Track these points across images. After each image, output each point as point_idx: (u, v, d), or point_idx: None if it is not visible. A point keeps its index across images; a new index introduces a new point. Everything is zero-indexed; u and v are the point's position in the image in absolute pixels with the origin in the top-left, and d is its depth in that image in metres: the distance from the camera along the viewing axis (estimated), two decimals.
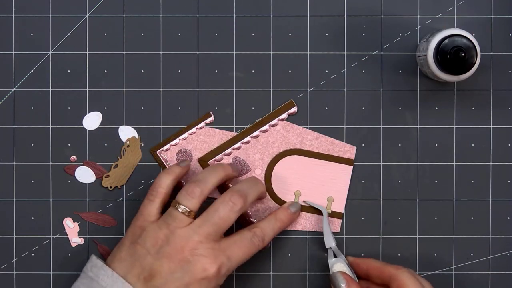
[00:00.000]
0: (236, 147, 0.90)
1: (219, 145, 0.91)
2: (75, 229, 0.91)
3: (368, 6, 0.91)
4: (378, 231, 0.91)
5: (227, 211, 0.83)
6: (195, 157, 0.90)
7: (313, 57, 0.91)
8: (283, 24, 0.91)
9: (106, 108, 0.91)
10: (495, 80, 0.91)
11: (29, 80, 0.91)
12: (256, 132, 0.91)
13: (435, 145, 0.91)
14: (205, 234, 0.82)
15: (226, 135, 0.91)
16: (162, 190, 0.85)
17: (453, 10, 0.91)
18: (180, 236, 0.82)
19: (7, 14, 0.91)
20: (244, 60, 0.91)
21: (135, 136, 0.91)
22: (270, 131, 0.91)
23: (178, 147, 0.90)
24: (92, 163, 0.91)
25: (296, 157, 0.91)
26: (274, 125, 0.91)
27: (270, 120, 0.91)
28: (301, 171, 0.91)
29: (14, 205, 0.91)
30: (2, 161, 0.91)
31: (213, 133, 0.91)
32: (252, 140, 0.91)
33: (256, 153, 0.91)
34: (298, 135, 0.91)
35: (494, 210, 0.91)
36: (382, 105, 0.91)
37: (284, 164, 0.91)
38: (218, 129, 0.91)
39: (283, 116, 0.91)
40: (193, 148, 0.90)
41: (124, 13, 0.91)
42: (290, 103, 0.90)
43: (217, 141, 0.91)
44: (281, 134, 0.91)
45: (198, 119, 0.90)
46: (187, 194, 0.84)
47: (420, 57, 0.88)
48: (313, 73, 0.91)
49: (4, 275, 0.91)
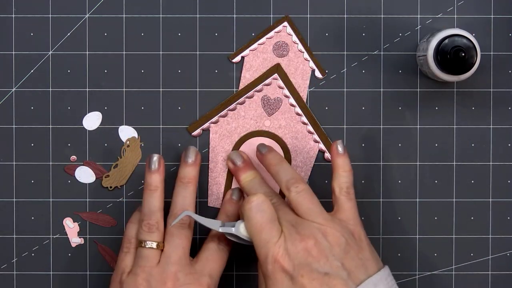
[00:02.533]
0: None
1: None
2: (75, 229, 0.91)
3: (368, 6, 0.91)
4: (378, 231, 0.91)
5: (181, 231, 0.84)
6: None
7: (313, 57, 0.91)
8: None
9: (106, 108, 0.91)
10: (495, 80, 0.91)
11: (29, 80, 0.91)
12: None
13: (435, 145, 0.91)
14: (177, 261, 0.83)
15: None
16: (134, 240, 0.86)
17: (453, 10, 0.91)
18: (157, 274, 0.83)
19: (7, 14, 0.91)
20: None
21: (135, 136, 0.91)
22: (246, 103, 0.90)
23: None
24: (92, 163, 0.91)
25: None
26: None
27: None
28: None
29: (14, 205, 0.91)
30: (2, 161, 0.91)
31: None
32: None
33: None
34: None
35: (494, 210, 0.91)
36: (382, 105, 0.91)
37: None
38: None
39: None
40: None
41: (124, 13, 0.91)
42: (276, 66, 0.90)
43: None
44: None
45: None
46: (147, 231, 0.84)
47: (420, 57, 0.88)
48: (313, 73, 0.91)
49: (4, 275, 0.91)
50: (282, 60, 0.91)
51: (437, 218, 0.91)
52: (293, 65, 0.91)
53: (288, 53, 0.91)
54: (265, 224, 0.81)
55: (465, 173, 0.91)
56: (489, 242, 0.91)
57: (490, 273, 0.91)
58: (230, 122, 0.91)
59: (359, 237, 0.82)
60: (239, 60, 0.90)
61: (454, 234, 0.91)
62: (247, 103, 0.91)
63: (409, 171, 0.91)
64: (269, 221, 0.81)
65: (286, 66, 0.91)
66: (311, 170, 0.91)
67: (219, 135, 0.90)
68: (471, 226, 0.91)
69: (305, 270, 0.79)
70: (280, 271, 0.80)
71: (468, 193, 0.91)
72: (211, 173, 0.91)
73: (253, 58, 0.91)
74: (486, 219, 0.91)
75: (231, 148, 0.90)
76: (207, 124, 0.90)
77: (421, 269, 0.91)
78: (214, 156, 0.91)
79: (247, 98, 0.91)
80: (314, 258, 0.80)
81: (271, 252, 0.80)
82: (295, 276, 0.79)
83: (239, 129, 0.91)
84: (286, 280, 0.79)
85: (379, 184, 0.91)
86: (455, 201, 0.91)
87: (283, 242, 0.80)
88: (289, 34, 0.90)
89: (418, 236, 0.91)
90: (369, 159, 0.91)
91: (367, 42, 0.91)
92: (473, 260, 0.91)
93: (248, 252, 0.89)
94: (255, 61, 0.91)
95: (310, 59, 0.90)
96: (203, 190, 0.91)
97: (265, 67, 0.91)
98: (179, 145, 0.91)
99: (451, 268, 0.91)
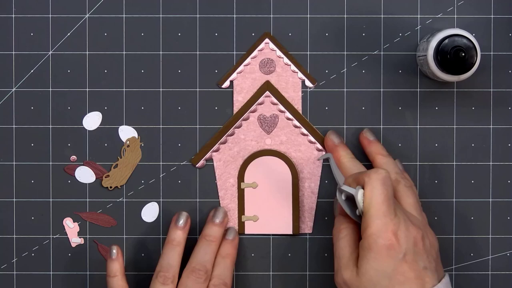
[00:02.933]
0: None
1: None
2: (75, 229, 0.91)
3: (368, 6, 0.91)
4: None
5: (196, 285, 0.86)
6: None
7: (313, 57, 0.91)
8: (283, 24, 0.91)
9: (106, 108, 0.91)
10: (495, 80, 0.91)
11: (29, 80, 0.91)
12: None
13: (435, 145, 0.91)
14: None
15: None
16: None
17: (453, 10, 0.91)
18: None
19: (7, 14, 0.91)
20: None
21: (135, 136, 0.91)
22: (244, 125, 0.91)
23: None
24: (92, 163, 0.91)
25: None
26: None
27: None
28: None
29: (14, 205, 0.91)
30: (2, 161, 0.91)
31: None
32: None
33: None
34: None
35: (494, 210, 0.91)
36: (382, 105, 0.91)
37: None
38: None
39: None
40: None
41: (124, 13, 0.91)
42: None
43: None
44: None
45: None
46: (162, 282, 0.85)
47: (420, 57, 0.88)
48: (313, 73, 0.91)
49: (4, 275, 0.91)
50: (271, 77, 0.91)
51: (437, 218, 0.91)
52: (283, 79, 0.91)
53: (275, 69, 0.91)
54: (388, 198, 0.81)
55: (465, 173, 0.91)
56: (489, 242, 0.91)
57: (490, 273, 0.91)
58: (232, 147, 0.91)
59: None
60: (228, 85, 0.91)
61: (454, 234, 0.91)
62: (245, 125, 0.91)
63: (409, 171, 0.91)
64: (391, 197, 0.81)
65: (276, 82, 0.91)
66: (319, 180, 0.91)
67: (223, 162, 0.91)
68: (471, 226, 0.91)
69: (410, 256, 0.80)
70: (390, 247, 0.79)
71: (468, 193, 0.91)
72: (222, 201, 0.91)
73: (242, 80, 0.91)
74: (486, 219, 0.91)
75: (237, 173, 0.90)
76: (209, 154, 0.91)
77: None
78: (222, 183, 0.91)
79: (243, 120, 0.91)
80: (419, 250, 0.81)
81: (390, 225, 0.80)
82: (401, 258, 0.79)
83: (241, 152, 0.91)
84: (391, 258, 0.79)
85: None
86: (455, 201, 0.91)
87: (399, 222, 0.80)
88: (273, 50, 0.90)
89: None
90: (369, 159, 0.91)
91: (367, 42, 0.91)
92: (473, 260, 0.91)
93: (248, 253, 0.90)
94: (245, 82, 0.91)
95: (298, 70, 0.90)
96: None
97: (255, 86, 0.91)
98: (179, 145, 0.91)
99: (451, 268, 0.91)
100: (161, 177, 0.91)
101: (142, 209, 0.91)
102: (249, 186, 0.90)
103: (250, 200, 0.91)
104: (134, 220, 0.91)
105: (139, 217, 0.91)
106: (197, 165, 0.91)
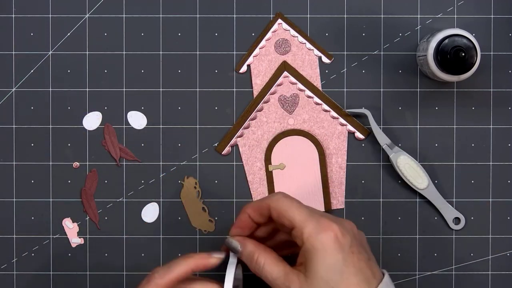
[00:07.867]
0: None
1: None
2: (74, 229, 0.91)
3: (368, 6, 0.91)
4: (378, 231, 0.91)
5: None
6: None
7: None
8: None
9: (106, 108, 0.91)
10: (495, 80, 0.91)
11: (29, 80, 0.91)
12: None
13: (435, 145, 0.91)
14: None
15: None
16: None
17: (453, 10, 0.91)
18: None
19: (7, 14, 0.91)
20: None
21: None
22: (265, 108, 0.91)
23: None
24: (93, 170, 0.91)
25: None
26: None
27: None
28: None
29: (14, 205, 0.91)
30: (2, 161, 0.91)
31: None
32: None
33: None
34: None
35: (494, 210, 0.91)
36: (382, 105, 0.91)
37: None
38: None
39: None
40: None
41: (124, 13, 0.91)
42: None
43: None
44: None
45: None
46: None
47: (420, 57, 0.88)
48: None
49: (4, 275, 0.91)
50: (287, 57, 0.91)
51: (437, 218, 0.91)
52: (299, 58, 0.91)
53: (291, 48, 0.91)
54: (300, 203, 0.79)
55: (465, 173, 0.91)
56: (489, 242, 0.91)
57: (490, 273, 0.91)
58: (255, 131, 0.91)
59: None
60: (246, 70, 0.91)
61: (454, 234, 0.91)
62: (266, 108, 0.91)
63: None
64: (301, 203, 0.79)
65: (292, 61, 0.91)
66: (346, 153, 0.91)
67: (248, 146, 0.91)
68: (471, 225, 0.91)
69: (355, 248, 0.77)
70: (335, 240, 0.77)
71: (468, 193, 0.91)
72: (251, 185, 0.91)
73: (259, 63, 0.91)
74: (486, 219, 0.91)
75: (263, 156, 0.90)
76: (234, 140, 0.91)
77: (421, 269, 0.91)
78: (249, 168, 0.91)
79: (264, 103, 0.91)
80: (359, 241, 0.79)
81: (323, 221, 0.77)
82: (348, 249, 0.77)
83: (265, 135, 0.91)
84: (339, 250, 0.77)
85: (379, 184, 0.91)
86: (455, 201, 0.91)
87: (328, 218, 0.78)
88: (286, 30, 0.91)
89: (418, 236, 0.91)
90: (369, 159, 0.91)
91: (367, 42, 0.91)
92: (473, 260, 0.91)
93: None
94: (261, 65, 0.91)
95: (313, 47, 0.90)
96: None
97: (273, 68, 0.91)
98: (179, 145, 0.91)
99: (451, 268, 0.91)
100: (161, 177, 0.91)
101: (142, 209, 0.91)
102: (277, 168, 0.90)
103: (279, 181, 0.91)
104: (134, 220, 0.91)
105: (139, 217, 0.91)
106: (223, 153, 0.91)
